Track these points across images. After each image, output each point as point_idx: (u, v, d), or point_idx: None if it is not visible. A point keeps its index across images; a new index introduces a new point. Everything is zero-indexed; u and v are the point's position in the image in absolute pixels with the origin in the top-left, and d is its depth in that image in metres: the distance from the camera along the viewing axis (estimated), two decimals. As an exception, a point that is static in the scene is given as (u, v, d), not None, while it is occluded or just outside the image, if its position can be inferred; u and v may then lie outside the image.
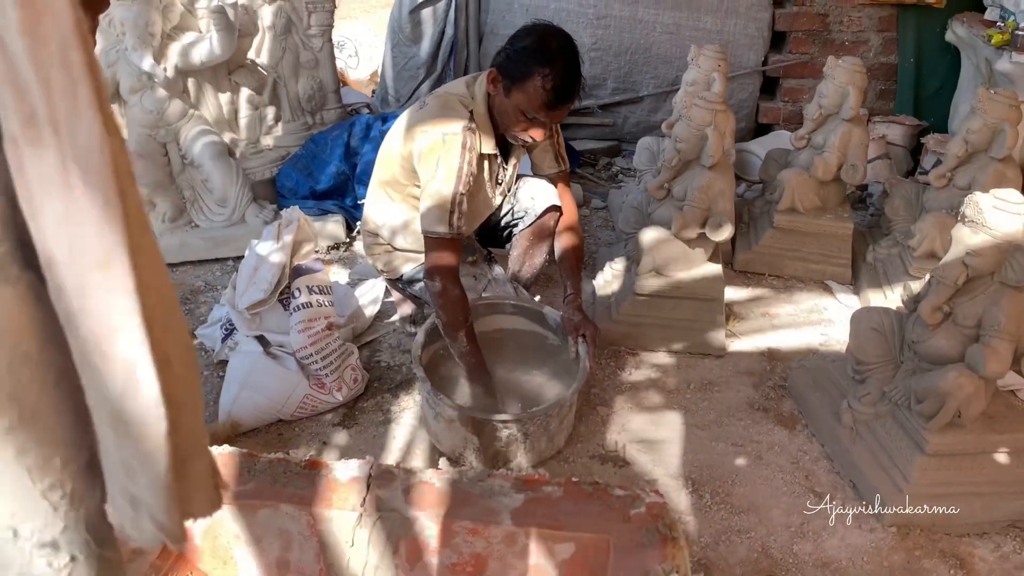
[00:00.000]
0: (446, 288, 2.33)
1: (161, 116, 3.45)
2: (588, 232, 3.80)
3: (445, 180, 2.28)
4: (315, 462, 1.27)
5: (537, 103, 2.26)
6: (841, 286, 3.31)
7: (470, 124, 2.32)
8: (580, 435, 2.48)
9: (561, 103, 2.29)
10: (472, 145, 2.31)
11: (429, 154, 2.31)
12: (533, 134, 2.35)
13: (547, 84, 2.23)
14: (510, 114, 2.32)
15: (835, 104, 3.28)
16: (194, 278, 3.43)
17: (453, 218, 2.30)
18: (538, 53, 2.23)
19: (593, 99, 4.65)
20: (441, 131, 2.30)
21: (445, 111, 2.34)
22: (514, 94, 2.28)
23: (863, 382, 2.39)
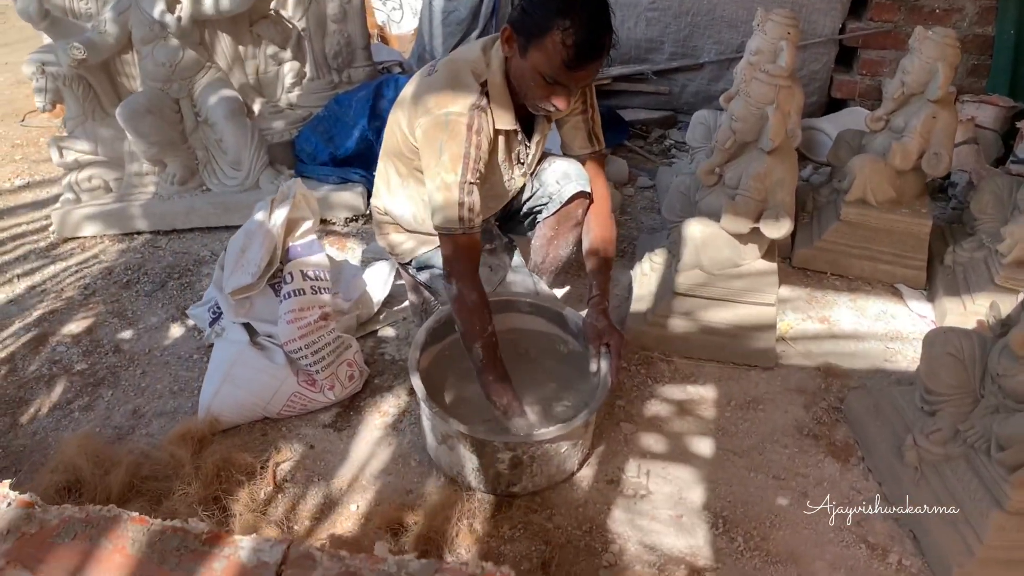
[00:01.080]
0: (462, 294, 2.05)
1: (174, 69, 3.20)
2: (630, 215, 3.45)
3: (449, 169, 1.98)
4: (216, 536, 0.99)
5: (557, 62, 1.90)
6: (913, 291, 2.92)
7: (479, 101, 2.00)
8: (599, 455, 2.18)
9: (585, 61, 1.92)
10: (480, 127, 1.99)
11: (431, 137, 2.00)
12: (556, 101, 1.99)
13: (567, 39, 1.86)
14: (528, 78, 1.97)
15: (920, 82, 2.85)
16: (200, 247, 3.20)
17: (463, 211, 2.00)
18: (557, 2, 1.87)
19: (648, 64, 4.26)
20: (445, 111, 1.98)
21: (453, 83, 2.02)
22: (531, 54, 1.92)
23: (933, 415, 2.03)
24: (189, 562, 0.97)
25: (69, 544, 0.98)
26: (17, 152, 4.16)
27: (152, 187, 3.34)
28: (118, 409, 2.35)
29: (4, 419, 2.32)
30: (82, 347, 2.60)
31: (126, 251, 3.17)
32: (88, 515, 1.02)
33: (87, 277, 2.99)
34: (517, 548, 1.90)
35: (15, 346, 2.61)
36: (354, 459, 2.16)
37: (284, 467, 2.13)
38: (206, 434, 2.16)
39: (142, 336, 2.66)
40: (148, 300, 2.85)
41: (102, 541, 1.00)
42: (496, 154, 2.13)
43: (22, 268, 3.08)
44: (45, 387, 2.44)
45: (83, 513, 1.02)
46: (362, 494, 2.05)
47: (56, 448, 2.08)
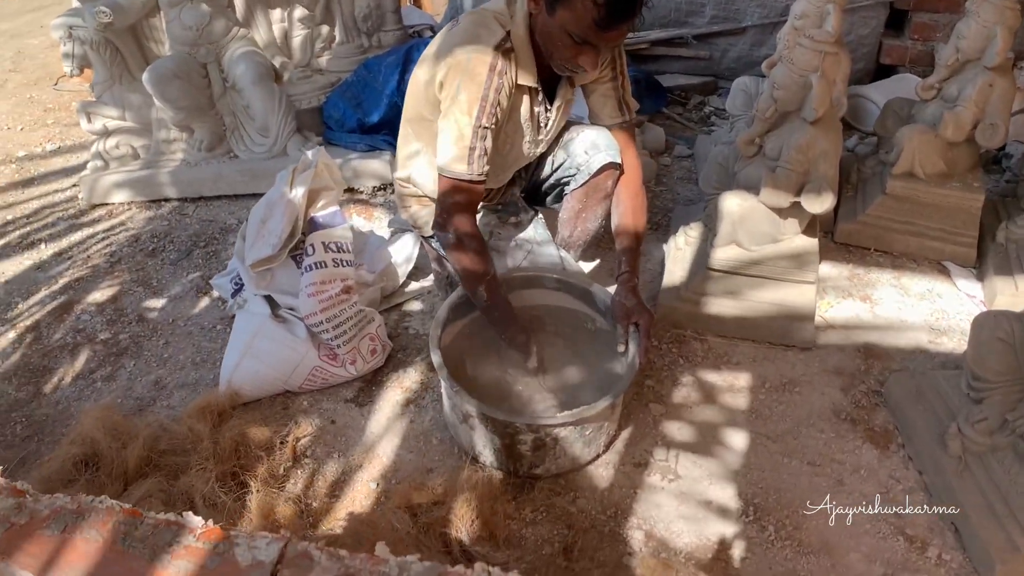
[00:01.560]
0: (460, 240, 1.99)
1: (202, 33, 3.15)
2: (666, 185, 3.34)
3: (465, 110, 1.89)
4: (211, 532, 0.94)
5: (586, 22, 1.79)
6: (962, 269, 2.78)
7: (504, 43, 1.90)
8: (626, 437, 2.11)
9: (616, 21, 1.81)
10: (504, 69, 1.90)
11: (451, 77, 1.91)
12: (583, 62, 1.89)
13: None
14: (555, 37, 1.87)
15: (976, 48, 2.69)
16: (227, 214, 3.16)
17: (474, 155, 1.92)
18: None
19: (688, 28, 4.11)
20: (467, 51, 1.89)
21: (475, 28, 1.93)
22: (559, 12, 1.82)
23: (980, 402, 1.93)
24: (180, 558, 0.92)
25: (58, 536, 0.94)
26: (49, 116, 4.16)
27: (180, 154, 3.30)
28: (140, 380, 2.33)
29: (28, 388, 2.32)
30: (106, 316, 2.59)
31: (153, 218, 3.15)
32: (80, 506, 0.98)
33: (113, 244, 2.97)
34: (539, 531, 1.84)
35: (40, 314, 2.61)
36: (374, 435, 2.12)
37: (304, 442, 2.09)
38: (226, 408, 2.13)
39: (166, 305, 2.63)
40: (173, 268, 2.82)
41: (92, 534, 0.95)
42: (517, 111, 2.04)
43: (50, 234, 3.07)
44: (69, 356, 2.42)
45: (75, 504, 0.98)
46: (381, 471, 2.01)
47: (76, 419, 2.07)
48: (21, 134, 3.99)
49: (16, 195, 3.42)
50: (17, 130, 4.04)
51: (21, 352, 2.45)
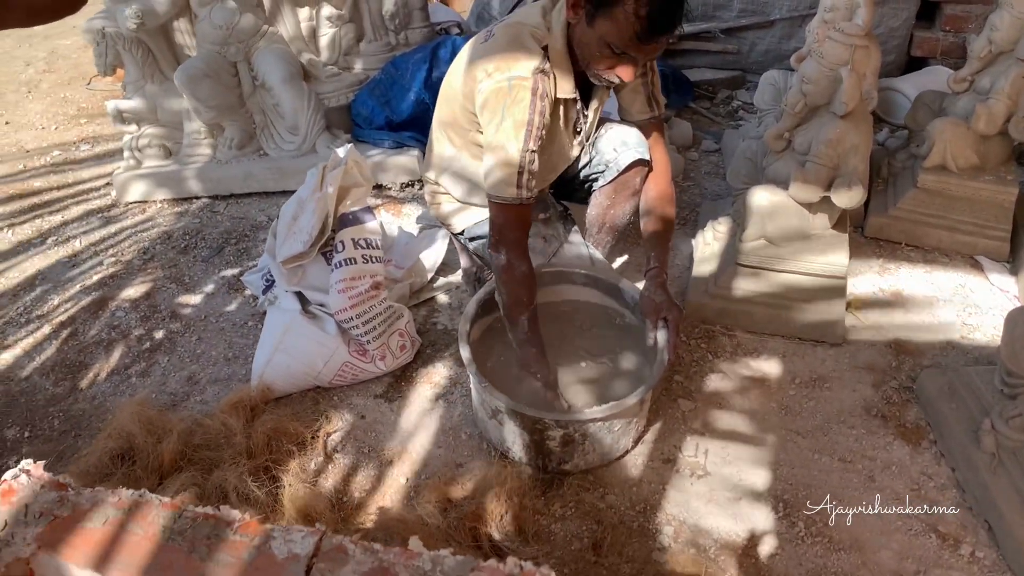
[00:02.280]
0: (511, 264, 1.98)
1: (232, 32, 3.18)
2: (694, 180, 3.33)
3: (512, 136, 1.89)
4: (249, 525, 0.96)
5: (627, 34, 1.80)
6: (995, 263, 2.74)
7: (542, 65, 1.91)
8: (655, 433, 2.11)
9: (657, 34, 1.82)
10: (545, 91, 1.90)
11: (493, 102, 1.91)
12: (621, 73, 1.90)
13: (640, 10, 1.76)
14: (593, 48, 1.88)
15: (1010, 40, 2.65)
16: (258, 211, 3.19)
17: (522, 179, 1.92)
18: None
19: (716, 21, 4.08)
20: (507, 75, 1.89)
21: (513, 47, 1.93)
22: (599, 23, 1.83)
23: (1014, 399, 1.91)
24: (218, 551, 0.94)
25: (100, 529, 0.96)
26: (83, 115, 4.22)
27: (209, 150, 3.34)
28: (174, 375, 2.36)
29: (65, 383, 2.36)
30: (140, 312, 2.63)
31: (184, 215, 3.19)
32: (120, 499, 1.00)
33: (146, 241, 3.02)
34: (568, 527, 1.85)
35: (75, 309, 2.65)
36: (404, 431, 2.14)
37: (334, 437, 2.12)
38: (258, 403, 2.16)
39: (198, 302, 2.67)
40: (205, 265, 2.86)
41: (132, 527, 0.98)
42: (557, 121, 2.05)
43: (83, 231, 3.12)
44: (104, 352, 2.47)
45: (115, 497, 1.00)
46: (411, 467, 2.03)
47: (112, 414, 2.10)
48: (56, 133, 4.06)
49: (50, 192, 3.48)
50: (52, 129, 4.10)
51: (57, 347, 2.49)
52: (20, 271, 2.91)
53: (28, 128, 4.18)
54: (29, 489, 1.00)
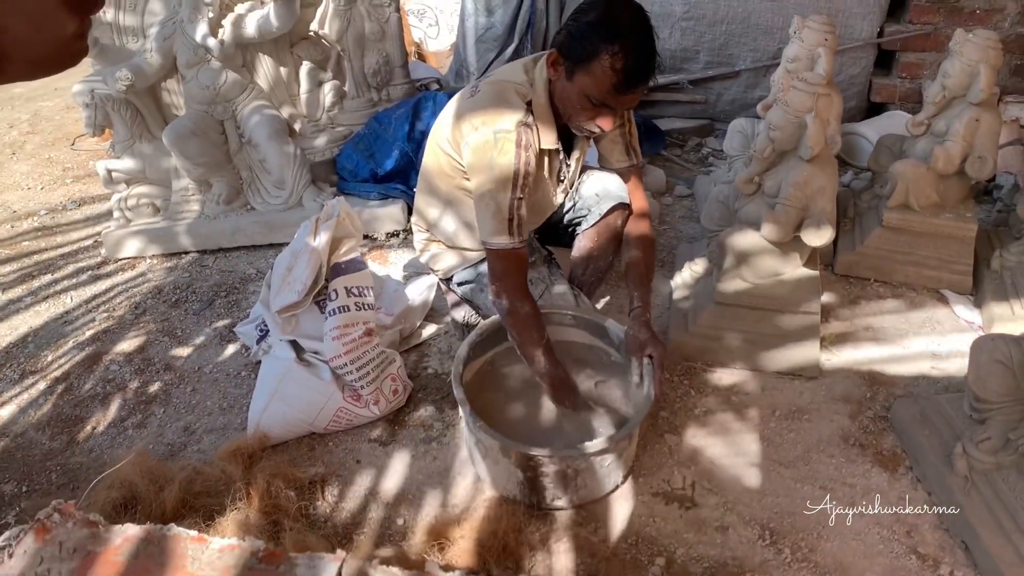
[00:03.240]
0: (515, 307, 2.07)
1: (218, 91, 3.28)
2: (669, 224, 3.45)
3: (500, 186, 2.00)
4: (272, 553, 1.02)
5: (605, 86, 1.93)
6: (960, 296, 2.87)
7: (526, 119, 2.02)
8: (644, 467, 2.18)
9: (633, 86, 1.95)
10: (528, 143, 2.01)
11: (480, 154, 2.02)
12: (601, 123, 2.02)
13: (616, 63, 1.89)
14: (574, 101, 2.00)
15: (962, 85, 2.81)
16: (246, 265, 3.26)
17: (512, 226, 2.02)
18: (605, 27, 1.89)
19: (684, 73, 4.26)
20: (493, 128, 2.00)
21: (498, 102, 2.04)
22: (578, 77, 1.95)
23: (983, 423, 2.01)
24: (248, 578, 1.00)
25: (132, 563, 1.02)
26: (68, 175, 4.28)
27: (198, 206, 3.42)
28: (170, 426, 2.40)
29: (62, 437, 2.39)
30: (134, 365, 2.67)
31: (174, 270, 3.25)
32: (149, 534, 1.06)
33: (137, 296, 3.07)
34: (563, 561, 1.90)
35: (69, 364, 2.69)
36: (400, 473, 2.19)
37: (332, 481, 2.16)
38: (256, 450, 2.20)
39: (191, 354, 2.72)
40: (196, 318, 2.91)
41: (163, 559, 1.03)
42: (541, 170, 2.16)
43: (74, 286, 3.17)
44: (100, 405, 2.50)
45: (144, 532, 1.06)
46: (408, 508, 2.08)
47: (111, 466, 2.14)
48: (42, 193, 4.11)
49: (39, 250, 3.52)
50: (38, 189, 4.16)
51: (53, 402, 2.53)
52: (11, 328, 2.95)
53: (14, 189, 4.23)
54: (62, 527, 1.05)
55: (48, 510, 1.07)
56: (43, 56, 0.71)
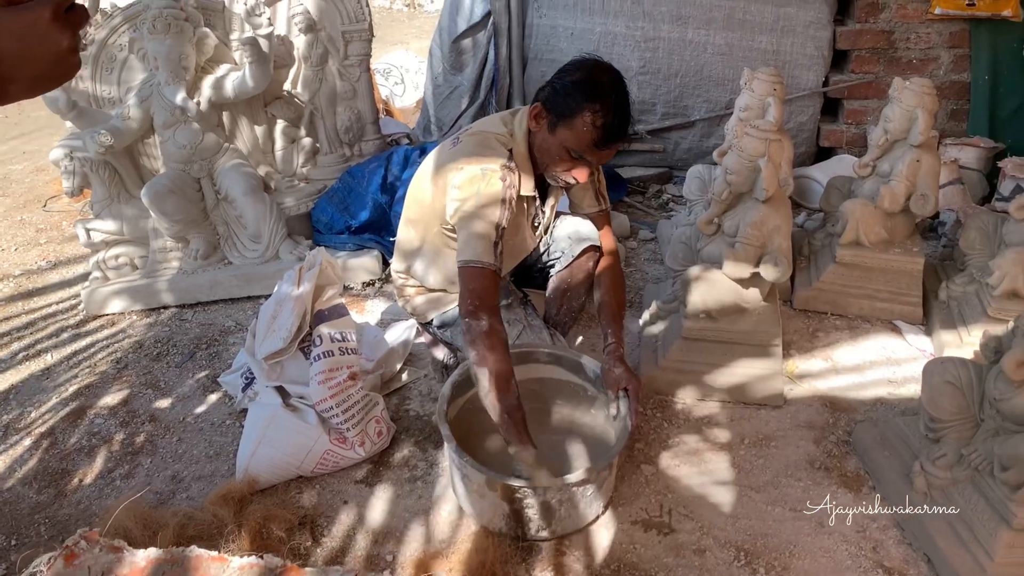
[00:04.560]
0: (493, 327, 2.05)
1: (195, 151, 3.37)
2: (635, 266, 3.60)
3: (488, 209, 2.11)
4: (291, 569, 1.10)
5: (586, 141, 2.09)
6: (911, 326, 3.04)
7: (509, 163, 2.16)
8: (622, 497, 2.27)
9: (611, 142, 2.12)
10: (512, 183, 2.14)
11: (468, 186, 2.14)
12: (576, 175, 2.17)
13: (597, 121, 2.06)
14: (554, 153, 2.15)
15: (902, 129, 3.02)
16: (225, 318, 3.33)
17: (496, 249, 2.12)
18: (589, 88, 2.07)
19: (642, 124, 4.45)
20: (480, 167, 2.13)
21: (482, 149, 2.18)
22: (560, 131, 2.10)
23: (938, 441, 2.14)
24: (269, 592, 1.07)
25: (159, 581, 1.09)
26: (42, 236, 4.32)
27: (176, 263, 3.48)
28: (158, 475, 2.44)
29: (49, 491, 2.42)
30: (119, 418, 2.71)
31: (154, 325, 3.30)
32: (172, 556, 1.13)
33: (118, 351, 3.11)
34: (549, 589, 1.98)
35: (54, 420, 2.72)
36: (386, 511, 2.25)
37: (321, 522, 2.22)
38: (245, 494, 2.25)
39: (176, 405, 2.77)
40: (179, 371, 2.96)
41: (188, 577, 1.10)
42: (521, 215, 2.28)
43: (54, 344, 3.20)
44: (86, 458, 2.54)
45: (168, 555, 1.13)
46: (396, 545, 2.14)
47: (101, 517, 2.17)
48: (16, 254, 4.14)
49: (17, 310, 3.55)
50: (12, 251, 4.19)
51: (38, 457, 2.55)
52: (-8, 388, 2.98)
53: (-14, 251, 4.26)
54: (89, 552, 1.12)
55: (75, 537, 1.13)
56: (42, 73, 0.76)
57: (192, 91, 3.32)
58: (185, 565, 1.11)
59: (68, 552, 1.11)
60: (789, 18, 4.14)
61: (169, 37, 3.19)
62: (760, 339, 2.62)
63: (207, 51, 3.39)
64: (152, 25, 3.15)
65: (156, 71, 3.28)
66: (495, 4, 4.28)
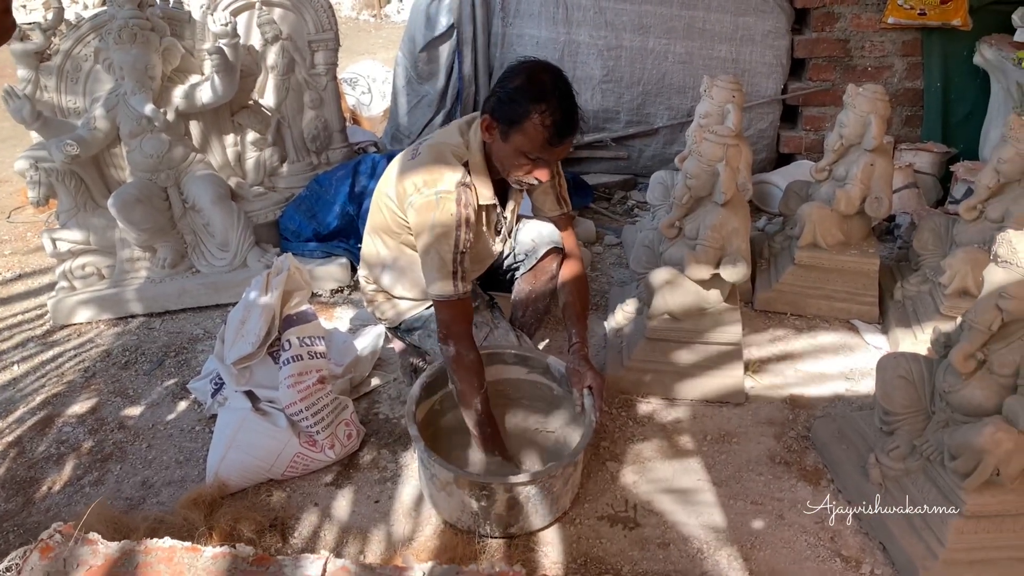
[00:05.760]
0: (460, 354, 2.22)
1: (162, 160, 3.38)
2: (600, 270, 3.66)
3: (443, 242, 2.17)
4: (262, 558, 1.13)
5: (539, 142, 2.14)
6: (868, 325, 3.13)
7: (464, 179, 2.20)
8: (588, 493, 2.32)
9: (563, 138, 2.16)
10: (468, 201, 2.19)
11: (424, 214, 2.18)
12: (538, 175, 2.22)
13: (546, 120, 2.10)
14: (511, 158, 2.19)
15: (856, 134, 3.12)
16: (193, 326, 3.33)
17: (456, 278, 2.19)
18: (532, 90, 2.11)
19: (606, 132, 4.52)
20: (435, 190, 2.17)
21: (438, 163, 2.22)
22: (513, 137, 2.15)
23: (892, 434, 2.22)
24: (241, 580, 1.11)
25: (133, 572, 1.11)
26: (6, 247, 4.28)
27: (144, 272, 3.48)
28: (127, 481, 2.45)
29: (17, 499, 2.41)
30: (88, 426, 2.71)
31: (122, 334, 3.29)
32: (147, 547, 1.16)
33: (86, 360, 3.11)
34: (518, 583, 2.02)
35: (22, 430, 2.71)
36: (356, 512, 2.28)
37: (291, 524, 2.24)
38: (215, 498, 2.26)
39: (145, 412, 2.77)
40: (147, 378, 2.97)
41: (160, 568, 1.13)
42: (480, 224, 2.33)
43: (21, 355, 3.18)
44: (55, 466, 2.53)
45: (142, 546, 1.16)
46: (366, 545, 2.16)
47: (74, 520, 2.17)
48: (-21, 265, 4.11)
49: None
50: (-26, 262, 4.16)
51: (6, 467, 2.54)
52: (-43, 400, 2.95)
53: (-52, 263, 4.21)
54: (64, 545, 1.14)
55: (50, 531, 1.15)
56: None
57: (159, 101, 3.33)
58: (159, 555, 1.14)
59: (43, 545, 1.13)
60: (748, 27, 4.24)
61: (135, 47, 3.20)
62: (722, 339, 2.68)
63: (173, 61, 3.40)
64: (118, 35, 3.15)
65: (122, 81, 3.29)
66: (460, 14, 4.33)
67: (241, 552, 1.14)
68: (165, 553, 1.14)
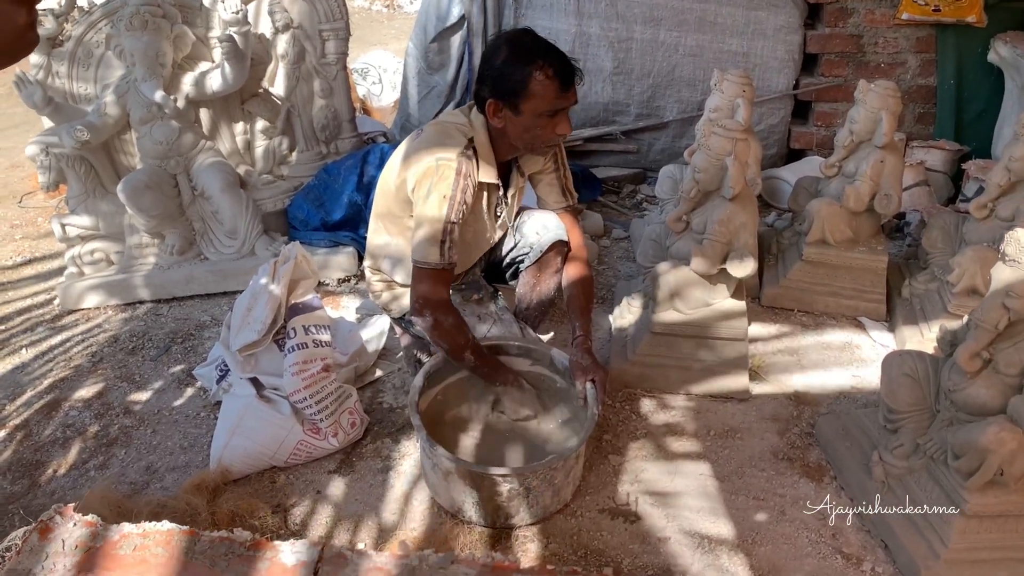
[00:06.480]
0: (438, 321, 2.24)
1: (172, 147, 3.39)
2: (608, 264, 3.66)
3: (436, 208, 2.18)
4: (259, 543, 1.14)
5: (551, 94, 2.17)
6: (875, 323, 3.12)
7: (466, 150, 2.21)
8: (589, 486, 2.32)
9: (570, 81, 2.21)
10: (468, 172, 2.20)
11: (423, 180, 2.21)
12: (561, 128, 2.25)
13: (548, 72, 2.15)
14: (531, 127, 2.22)
15: (867, 130, 3.10)
16: (201, 312, 3.35)
17: (444, 248, 2.20)
18: (521, 55, 2.16)
19: (616, 125, 4.51)
20: (435, 156, 2.20)
21: (441, 137, 2.24)
22: (524, 106, 2.17)
23: (896, 432, 2.21)
24: (237, 565, 1.11)
25: (132, 554, 1.12)
26: (17, 232, 4.31)
27: (152, 258, 3.50)
28: (132, 466, 2.47)
29: (23, 481, 2.43)
30: (94, 411, 2.73)
31: (130, 319, 3.31)
32: (145, 531, 1.16)
33: (94, 345, 3.13)
34: (517, 574, 2.02)
35: (28, 413, 2.73)
36: (359, 501, 2.29)
37: (294, 512, 2.25)
38: (219, 484, 2.28)
39: (151, 398, 2.79)
40: (154, 364, 2.98)
41: (159, 551, 1.14)
42: (479, 203, 2.33)
43: (29, 339, 3.21)
44: (61, 449, 2.55)
45: (140, 529, 1.17)
46: (368, 534, 2.17)
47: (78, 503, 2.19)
48: (-10, 250, 4.14)
49: (-8, 309, 3.55)
50: (-14, 246, 4.19)
51: (13, 449, 2.57)
52: (-35, 382, 2.98)
53: (-40, 247, 4.24)
54: (63, 526, 1.15)
55: (50, 512, 1.16)
56: (1, 48, 0.76)
57: (169, 88, 3.34)
58: (158, 539, 1.15)
59: (43, 526, 1.14)
60: (760, 22, 4.22)
61: (146, 34, 3.21)
62: (727, 334, 2.67)
63: (184, 48, 3.41)
64: (129, 22, 3.16)
65: (133, 67, 3.30)
66: (472, 4, 4.32)
67: (238, 537, 1.15)
68: (163, 536, 1.14)
